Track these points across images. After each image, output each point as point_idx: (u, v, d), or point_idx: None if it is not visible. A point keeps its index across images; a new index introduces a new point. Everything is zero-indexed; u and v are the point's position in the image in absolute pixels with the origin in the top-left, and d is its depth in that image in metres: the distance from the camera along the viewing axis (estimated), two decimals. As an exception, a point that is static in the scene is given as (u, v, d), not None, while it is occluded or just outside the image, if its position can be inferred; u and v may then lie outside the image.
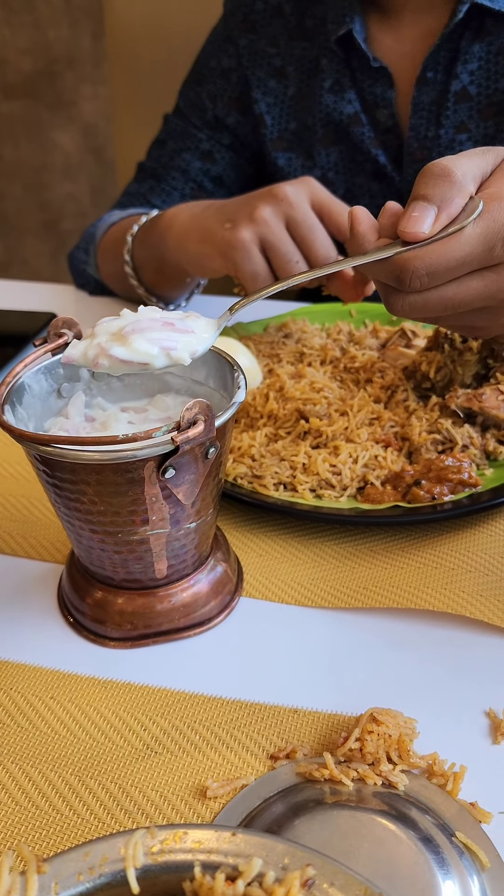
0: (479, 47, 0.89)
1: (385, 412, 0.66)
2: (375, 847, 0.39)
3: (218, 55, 1.03)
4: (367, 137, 0.96)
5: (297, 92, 0.99)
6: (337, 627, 0.52)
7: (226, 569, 0.54)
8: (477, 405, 0.64)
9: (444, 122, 0.92)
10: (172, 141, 1.05)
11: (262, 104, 1.00)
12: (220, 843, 0.31)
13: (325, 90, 0.96)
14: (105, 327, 0.49)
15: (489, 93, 0.91)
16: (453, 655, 0.49)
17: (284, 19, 0.99)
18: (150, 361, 0.46)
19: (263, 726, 0.46)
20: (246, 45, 1.00)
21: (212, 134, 1.04)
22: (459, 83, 0.90)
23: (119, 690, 0.48)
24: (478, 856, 0.39)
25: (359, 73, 0.94)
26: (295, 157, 1.01)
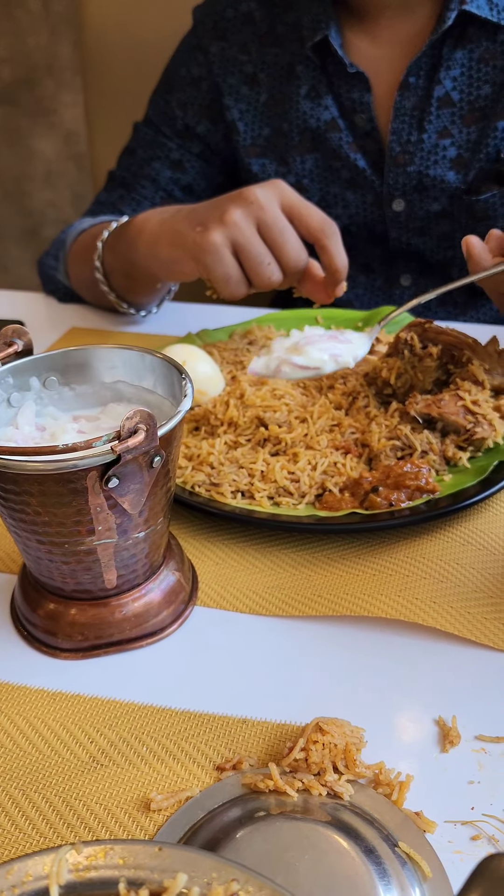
0: (461, 54, 0.90)
1: (345, 419, 0.66)
2: (317, 858, 0.38)
3: (188, 64, 1.03)
4: (344, 143, 0.96)
5: (270, 98, 0.99)
6: (290, 636, 0.52)
7: (179, 578, 0.54)
8: (436, 411, 0.64)
9: (427, 128, 0.93)
10: (142, 150, 1.05)
11: (235, 111, 1.01)
12: (146, 859, 0.31)
13: (301, 97, 0.96)
14: (280, 343, 0.68)
15: (471, 99, 0.92)
16: (405, 663, 0.49)
17: (255, 26, 0.99)
18: (321, 366, 0.64)
19: (211, 737, 0.45)
20: (217, 52, 1.01)
21: (182, 143, 1.04)
22: (442, 89, 0.91)
23: (68, 702, 0.48)
24: (420, 866, 0.39)
25: (335, 78, 0.95)
26: (269, 164, 1.02)
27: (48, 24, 2.28)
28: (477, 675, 0.48)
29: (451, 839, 0.40)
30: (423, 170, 0.95)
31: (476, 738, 0.45)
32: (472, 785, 0.42)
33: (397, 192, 0.97)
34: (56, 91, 2.33)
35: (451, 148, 0.94)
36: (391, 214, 0.98)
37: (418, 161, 0.95)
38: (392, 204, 0.98)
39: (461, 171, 0.94)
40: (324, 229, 0.74)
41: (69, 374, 0.54)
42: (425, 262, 1.03)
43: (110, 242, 0.87)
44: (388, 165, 0.95)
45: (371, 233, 1.01)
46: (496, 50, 0.90)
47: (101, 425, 0.53)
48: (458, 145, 0.94)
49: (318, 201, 1.00)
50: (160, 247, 0.78)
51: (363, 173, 0.97)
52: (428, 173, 0.95)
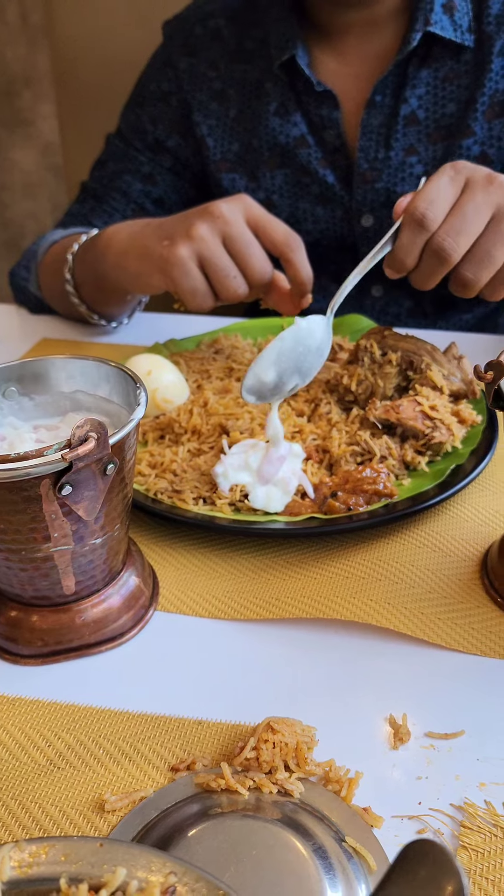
0: (426, 73, 0.92)
1: (307, 425, 0.68)
2: (264, 854, 0.39)
3: (158, 79, 1.04)
4: (314, 158, 0.98)
5: (239, 113, 1.01)
6: (247, 639, 0.53)
7: (139, 583, 0.55)
8: (394, 416, 0.65)
9: (394, 145, 0.95)
10: (113, 162, 1.06)
11: (204, 126, 1.02)
12: (87, 855, 0.31)
13: (270, 114, 0.98)
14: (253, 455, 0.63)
15: (437, 117, 0.94)
16: (359, 663, 0.50)
17: (223, 42, 1.01)
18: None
19: (167, 738, 0.46)
20: (186, 68, 1.02)
21: (153, 156, 1.05)
22: (408, 107, 0.93)
23: (27, 707, 0.48)
24: (366, 859, 0.40)
25: (304, 95, 0.96)
26: (239, 178, 1.03)
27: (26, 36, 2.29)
28: (429, 674, 0.49)
29: (397, 833, 0.41)
30: (390, 186, 0.97)
31: (426, 735, 0.46)
32: (420, 781, 0.43)
33: (366, 208, 0.98)
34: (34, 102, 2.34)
35: (418, 165, 0.96)
36: (360, 230, 1.00)
37: (385, 178, 0.96)
38: (361, 219, 0.99)
39: None
40: (288, 242, 0.75)
41: (28, 384, 0.54)
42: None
43: (80, 255, 0.88)
44: (357, 182, 0.97)
45: (341, 246, 1.03)
46: (460, 69, 0.92)
47: (61, 434, 0.54)
48: (424, 162, 0.96)
49: (288, 217, 1.01)
50: (128, 260, 0.79)
51: (332, 189, 0.98)
52: (395, 189, 0.97)
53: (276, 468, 0.61)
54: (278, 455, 0.61)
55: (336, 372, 0.71)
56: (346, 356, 0.73)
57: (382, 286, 1.05)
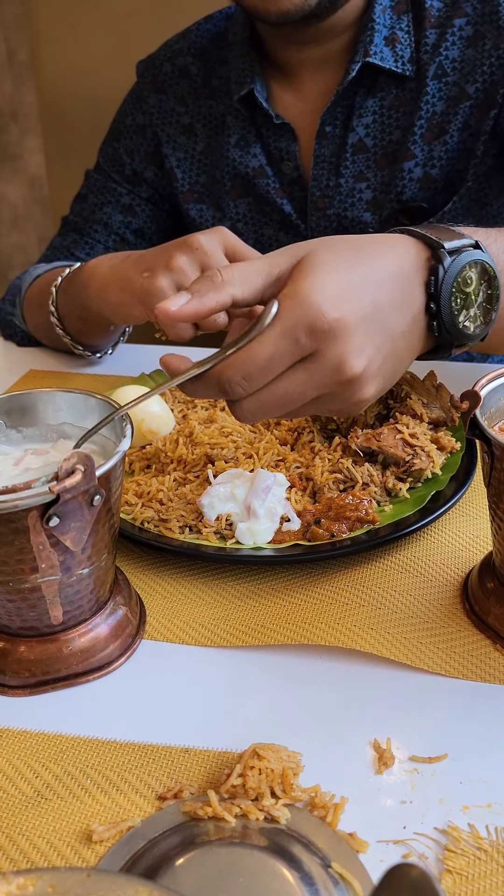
0: (372, 102, 0.96)
1: (291, 454, 0.69)
2: (251, 882, 0.40)
3: (133, 113, 1.08)
4: (272, 188, 1.01)
5: (206, 147, 1.05)
6: (233, 666, 0.53)
7: (126, 612, 0.55)
8: (376, 444, 0.67)
9: (344, 173, 0.98)
10: (93, 195, 1.09)
11: (173, 159, 1.06)
12: (74, 886, 0.32)
13: (231, 145, 1.02)
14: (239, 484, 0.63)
15: (384, 144, 0.97)
16: (343, 688, 0.51)
17: (191, 80, 1.04)
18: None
19: (154, 767, 0.47)
20: (155, 104, 1.06)
21: (131, 188, 1.08)
22: (356, 135, 0.97)
23: (14, 738, 0.49)
24: (352, 885, 0.40)
25: (263, 128, 1.00)
26: (206, 209, 1.07)
27: (12, 73, 2.33)
28: (412, 698, 0.50)
29: (382, 858, 0.41)
30: (341, 212, 1.00)
31: (410, 759, 0.46)
32: (405, 805, 0.44)
33: (319, 234, 1.01)
34: (21, 137, 2.37)
35: (367, 191, 0.99)
36: None
37: (337, 204, 1.00)
38: None
39: (376, 211, 1.00)
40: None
41: (15, 416, 0.55)
42: None
43: (63, 287, 0.89)
44: (311, 209, 1.00)
45: None
46: (405, 97, 0.95)
47: (51, 458, 0.55)
48: (373, 188, 0.99)
49: (254, 243, 1.04)
50: (110, 291, 0.80)
51: (289, 217, 1.02)
52: (346, 215, 1.00)
53: (263, 499, 0.62)
54: (264, 486, 0.62)
55: (318, 401, 0.72)
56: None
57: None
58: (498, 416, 0.56)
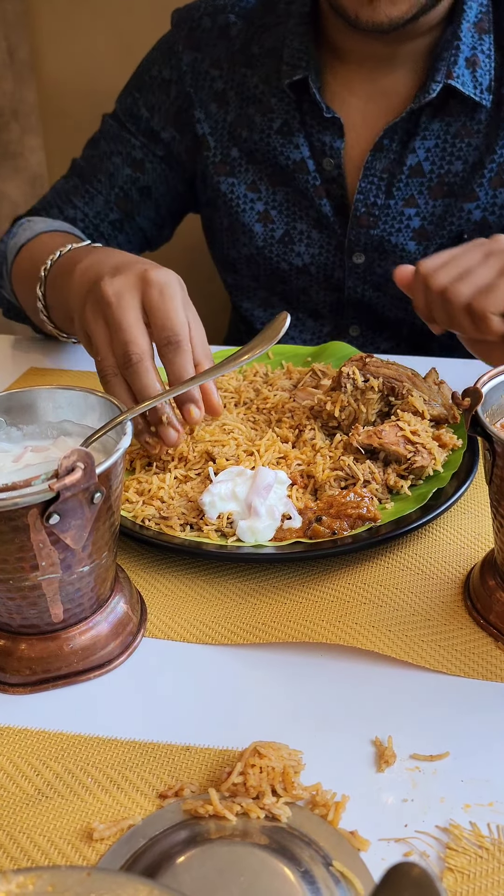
0: (438, 125, 0.90)
1: (292, 451, 0.69)
2: (252, 880, 0.39)
3: (160, 64, 1.01)
4: (311, 185, 0.95)
5: (237, 119, 0.97)
6: (234, 664, 0.53)
7: (127, 610, 0.55)
8: (377, 441, 0.67)
9: (396, 194, 0.92)
10: (105, 142, 1.03)
11: (206, 125, 0.99)
12: (74, 885, 0.32)
13: (272, 130, 0.95)
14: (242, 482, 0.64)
15: (441, 172, 0.91)
16: (344, 686, 0.51)
17: (230, 41, 0.97)
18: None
19: (155, 765, 0.46)
20: (189, 62, 0.98)
21: (146, 142, 1.02)
22: (415, 157, 0.91)
23: (15, 736, 0.49)
24: (353, 884, 0.40)
25: (308, 117, 0.93)
26: (238, 185, 1.00)
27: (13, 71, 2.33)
28: (413, 696, 0.50)
29: (384, 856, 0.41)
30: (385, 235, 0.95)
31: (411, 756, 0.46)
32: (406, 803, 0.44)
33: (359, 248, 0.97)
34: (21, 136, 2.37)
35: (416, 218, 0.94)
36: (350, 265, 0.98)
37: (382, 225, 0.94)
38: (353, 256, 0.98)
39: (422, 242, 0.95)
40: (170, 341, 0.64)
41: (16, 414, 0.55)
42: (377, 316, 1.03)
43: (51, 280, 0.82)
44: (352, 223, 0.95)
45: (328, 278, 1.01)
46: (473, 128, 0.89)
47: (51, 456, 0.55)
48: (422, 216, 0.93)
49: (283, 235, 0.99)
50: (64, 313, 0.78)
51: (327, 218, 0.96)
52: (389, 239, 0.95)
53: (264, 497, 0.61)
54: (265, 484, 0.62)
55: (319, 399, 0.72)
56: (329, 383, 0.74)
57: (360, 327, 1.04)
58: (500, 414, 0.55)
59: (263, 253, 1.01)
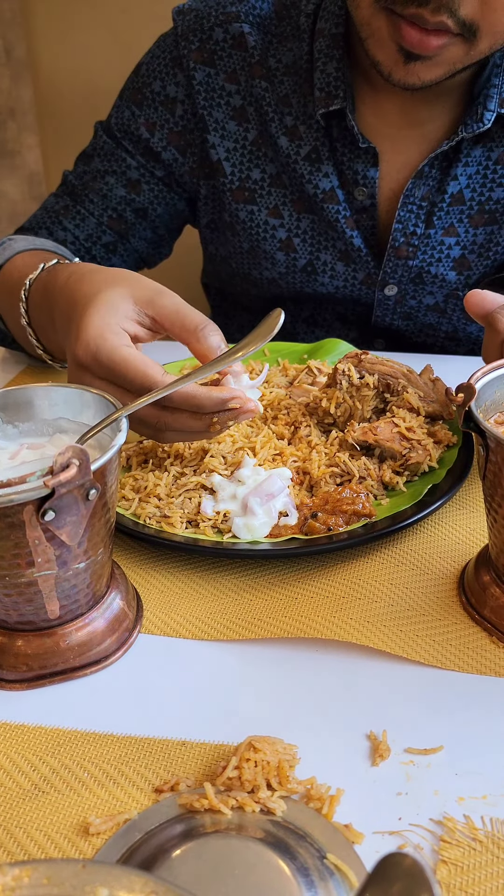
0: (479, 151, 0.87)
1: (288, 448, 0.69)
2: (246, 873, 0.40)
3: (163, 77, 0.93)
4: (342, 216, 0.91)
5: (258, 137, 0.91)
6: (230, 660, 0.53)
7: (123, 606, 0.55)
8: (372, 438, 0.67)
9: (436, 223, 0.89)
10: (99, 159, 0.97)
11: (221, 149, 0.92)
12: (69, 877, 0.32)
13: (300, 157, 0.90)
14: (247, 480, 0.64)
15: (482, 200, 0.88)
16: (339, 681, 0.51)
17: (246, 51, 0.90)
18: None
19: (151, 760, 0.47)
20: (202, 79, 0.91)
21: (144, 162, 0.96)
22: (457, 185, 0.87)
23: (11, 732, 0.49)
24: (347, 876, 0.40)
25: (340, 144, 0.88)
26: (259, 212, 0.94)
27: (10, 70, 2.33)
28: (408, 691, 0.50)
29: (378, 849, 0.42)
30: (424, 266, 0.92)
31: (405, 750, 0.47)
32: (401, 796, 0.44)
33: (393, 281, 0.94)
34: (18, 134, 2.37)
35: (456, 248, 0.91)
36: (381, 297, 0.95)
37: (421, 256, 0.91)
38: (385, 289, 0.95)
39: (463, 272, 0.92)
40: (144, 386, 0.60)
41: (11, 412, 0.56)
42: (402, 338, 1.01)
43: (36, 301, 0.76)
44: (389, 255, 0.91)
45: (355, 306, 0.98)
46: None
47: (47, 453, 0.55)
48: (462, 245, 0.91)
49: (306, 265, 0.95)
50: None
51: (359, 252, 0.92)
52: (429, 270, 0.92)
53: (264, 501, 0.62)
54: (268, 493, 0.62)
55: (315, 395, 0.72)
56: (325, 380, 0.74)
57: (385, 342, 1.02)
58: (493, 409, 0.56)
59: (286, 278, 0.98)
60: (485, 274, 0.92)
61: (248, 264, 1.00)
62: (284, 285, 0.99)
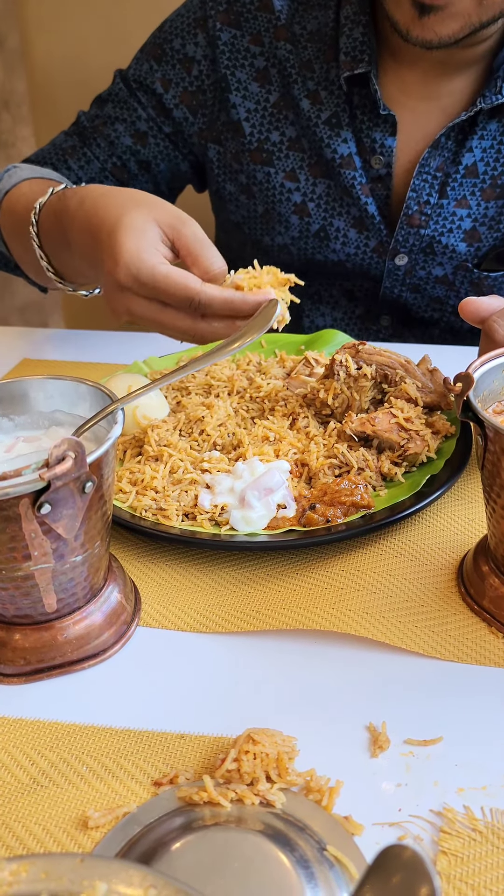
0: (495, 125, 0.88)
1: (287, 435, 0.68)
2: (246, 866, 0.40)
3: (184, 35, 0.96)
4: (357, 183, 0.92)
5: (280, 99, 0.93)
6: (229, 652, 0.53)
7: (121, 599, 0.55)
8: (370, 429, 0.66)
9: (449, 193, 0.90)
10: (112, 105, 0.99)
11: (242, 110, 0.94)
12: (67, 871, 0.32)
13: (320, 121, 0.91)
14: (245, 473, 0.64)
15: (495, 174, 0.89)
16: (338, 673, 0.51)
17: (272, 13, 0.92)
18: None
19: (150, 753, 0.47)
20: (228, 41, 0.93)
21: (154, 115, 0.98)
22: (472, 157, 0.89)
23: (10, 726, 0.49)
24: (347, 868, 0.40)
25: (360, 111, 0.90)
26: (274, 174, 0.96)
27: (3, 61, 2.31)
28: (407, 682, 0.50)
29: (378, 840, 0.41)
30: (435, 235, 0.93)
31: (405, 742, 0.46)
32: (400, 787, 0.44)
33: (404, 249, 0.94)
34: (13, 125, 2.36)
35: (467, 219, 0.92)
36: (391, 266, 0.96)
37: (433, 225, 0.92)
38: (395, 258, 0.95)
39: (473, 244, 0.93)
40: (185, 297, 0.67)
41: (7, 404, 0.55)
42: (409, 313, 1.01)
43: (47, 227, 0.78)
44: (402, 222, 0.92)
45: (364, 275, 0.99)
46: None
47: (42, 445, 0.55)
48: (473, 218, 0.91)
49: (319, 230, 0.96)
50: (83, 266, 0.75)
51: (372, 219, 0.93)
52: (440, 240, 0.93)
53: (263, 494, 0.61)
54: (266, 487, 0.62)
55: (312, 387, 0.72)
56: (322, 371, 0.74)
57: (391, 318, 1.02)
58: (491, 399, 0.55)
59: (298, 244, 0.98)
60: (493, 247, 0.93)
61: (260, 229, 1.01)
62: (296, 252, 0.99)
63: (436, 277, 0.97)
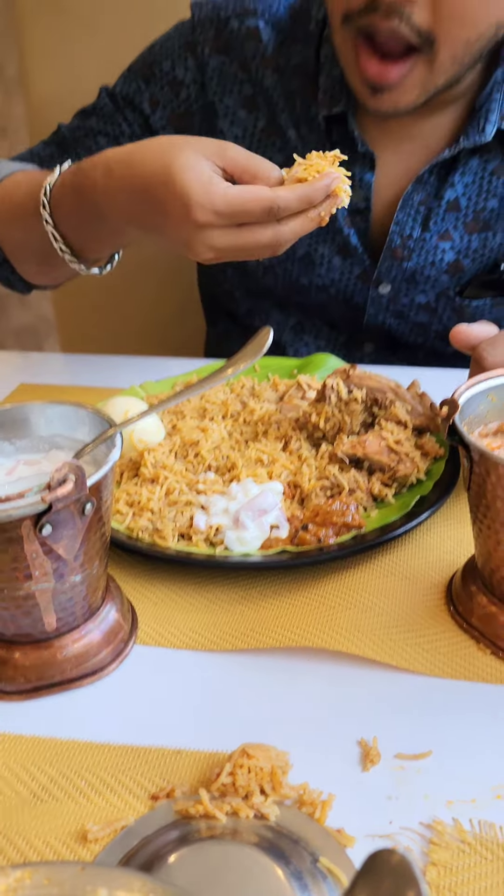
0: (476, 162, 0.89)
1: (281, 455, 0.70)
2: (241, 877, 0.41)
3: (174, 58, 0.96)
4: (340, 213, 0.92)
5: (267, 126, 0.94)
6: (223, 669, 0.55)
7: (118, 618, 0.56)
8: (361, 451, 0.68)
9: (431, 227, 0.92)
10: (97, 118, 0.99)
11: (229, 136, 0.95)
12: (69, 878, 0.33)
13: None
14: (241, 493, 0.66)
15: (477, 209, 0.91)
16: (330, 689, 0.52)
17: (259, 43, 0.93)
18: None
19: (147, 768, 0.48)
20: (216, 67, 0.94)
21: (140, 133, 0.98)
22: (454, 192, 0.90)
23: (10, 742, 0.50)
24: (340, 879, 0.41)
25: (339, 147, 0.87)
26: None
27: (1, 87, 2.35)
28: (397, 698, 0.52)
29: (369, 852, 0.43)
30: (418, 268, 0.95)
31: (395, 756, 0.48)
32: (391, 800, 0.45)
33: (387, 279, 0.97)
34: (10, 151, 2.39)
35: (450, 252, 0.93)
36: (374, 294, 0.98)
37: (416, 258, 0.94)
38: (379, 287, 0.97)
39: (455, 275, 0.95)
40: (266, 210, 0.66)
41: (7, 429, 0.57)
42: (393, 339, 1.03)
43: (65, 202, 0.76)
44: (385, 255, 0.94)
45: (347, 302, 1.00)
46: None
47: (43, 469, 0.56)
48: (456, 250, 0.93)
49: (303, 256, 0.98)
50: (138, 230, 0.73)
51: (355, 249, 0.95)
52: (423, 272, 0.95)
53: (255, 516, 0.63)
54: (261, 508, 0.63)
55: (304, 410, 0.74)
56: (314, 395, 0.76)
57: (375, 345, 1.04)
58: (478, 422, 0.57)
59: (285, 265, 1.00)
60: (476, 275, 0.95)
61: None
62: (281, 273, 1.00)
63: (419, 304, 0.98)
